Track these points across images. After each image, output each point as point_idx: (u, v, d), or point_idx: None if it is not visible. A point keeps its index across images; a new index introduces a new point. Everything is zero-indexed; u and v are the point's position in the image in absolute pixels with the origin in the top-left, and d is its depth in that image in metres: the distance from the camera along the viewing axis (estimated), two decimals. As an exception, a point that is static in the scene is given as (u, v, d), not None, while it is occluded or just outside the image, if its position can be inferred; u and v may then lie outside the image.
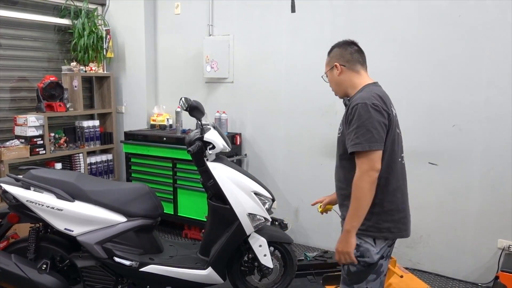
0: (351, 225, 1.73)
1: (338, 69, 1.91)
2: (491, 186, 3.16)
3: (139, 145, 4.17)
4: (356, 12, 3.49)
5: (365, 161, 1.70)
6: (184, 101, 2.71)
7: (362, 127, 1.71)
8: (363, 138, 1.70)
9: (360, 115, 1.71)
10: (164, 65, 4.66)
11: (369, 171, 1.69)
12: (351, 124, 1.74)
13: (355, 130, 1.72)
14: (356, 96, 1.82)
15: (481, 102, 3.13)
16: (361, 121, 1.71)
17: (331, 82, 1.98)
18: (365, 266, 1.81)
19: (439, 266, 3.43)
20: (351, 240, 1.74)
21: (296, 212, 3.97)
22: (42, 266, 2.50)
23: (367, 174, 1.69)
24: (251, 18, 4.05)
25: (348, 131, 1.75)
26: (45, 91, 4.00)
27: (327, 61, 2.00)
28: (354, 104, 1.75)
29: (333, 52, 1.98)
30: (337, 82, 1.94)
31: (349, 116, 1.77)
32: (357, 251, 1.80)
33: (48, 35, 4.41)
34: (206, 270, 2.68)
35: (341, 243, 1.77)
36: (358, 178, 1.71)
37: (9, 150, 3.66)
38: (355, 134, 1.71)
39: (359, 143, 1.70)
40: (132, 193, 2.71)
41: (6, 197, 2.53)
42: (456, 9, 3.14)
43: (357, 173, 1.72)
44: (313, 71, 3.72)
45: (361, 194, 1.71)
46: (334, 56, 1.96)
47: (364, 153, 1.70)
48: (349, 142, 1.75)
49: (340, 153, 1.89)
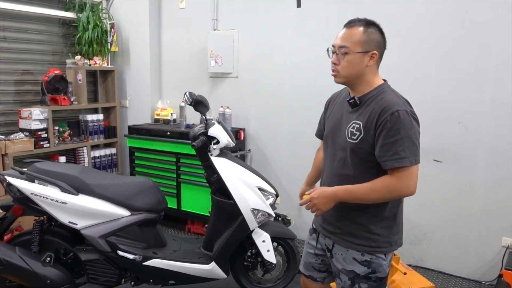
0: (344, 196, 1.63)
1: (373, 59, 1.64)
2: (496, 184, 3.14)
3: (143, 139, 4.16)
4: (362, 7, 3.46)
5: (409, 176, 1.56)
6: (188, 96, 2.70)
7: (406, 138, 1.55)
8: (409, 151, 1.55)
9: (403, 124, 1.54)
10: (168, 59, 4.65)
11: (410, 188, 1.57)
12: (391, 134, 1.55)
13: (399, 141, 1.54)
14: (384, 99, 1.61)
15: (488, 100, 3.10)
16: (405, 132, 1.55)
17: (349, 64, 1.63)
18: (377, 281, 1.74)
19: (442, 264, 3.42)
20: (332, 204, 1.65)
21: (300, 208, 3.97)
22: (46, 259, 2.51)
23: (407, 191, 1.58)
24: (256, 13, 4.02)
25: (388, 141, 1.55)
26: (50, 84, 4.00)
27: (360, 39, 1.61)
28: (393, 110, 1.55)
29: (374, 34, 1.63)
30: (359, 71, 1.64)
31: (385, 123, 1.56)
32: (369, 267, 1.72)
33: (53, 29, 4.41)
34: (209, 265, 2.69)
35: (323, 198, 1.63)
36: (393, 190, 1.58)
37: (14, 143, 3.67)
38: (401, 146, 1.54)
39: (406, 157, 1.55)
40: (136, 187, 2.71)
41: (10, 190, 2.53)
42: (464, 5, 3.11)
43: (396, 183, 1.57)
44: (318, 67, 3.70)
45: (379, 197, 1.61)
46: (375, 42, 1.63)
47: (410, 167, 1.56)
48: (388, 154, 1.56)
49: (355, 162, 1.66)
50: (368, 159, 1.64)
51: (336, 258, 1.80)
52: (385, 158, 1.58)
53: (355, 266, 1.74)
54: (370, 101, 1.65)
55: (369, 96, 1.67)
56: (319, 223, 1.90)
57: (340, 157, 1.72)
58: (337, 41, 1.67)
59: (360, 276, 1.74)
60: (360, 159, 1.66)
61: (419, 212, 3.41)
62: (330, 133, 1.81)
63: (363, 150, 1.64)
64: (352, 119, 1.68)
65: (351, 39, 1.62)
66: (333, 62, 1.68)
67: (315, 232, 1.95)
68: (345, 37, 1.64)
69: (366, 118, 1.63)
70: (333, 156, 1.77)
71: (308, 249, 1.99)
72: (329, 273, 1.96)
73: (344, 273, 1.77)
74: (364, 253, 1.72)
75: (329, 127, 1.83)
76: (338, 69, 1.66)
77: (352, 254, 1.74)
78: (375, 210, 1.69)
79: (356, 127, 1.65)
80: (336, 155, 1.75)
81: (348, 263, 1.75)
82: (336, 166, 1.74)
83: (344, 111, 1.75)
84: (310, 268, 1.98)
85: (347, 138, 1.68)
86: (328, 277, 1.98)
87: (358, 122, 1.65)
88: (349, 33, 1.64)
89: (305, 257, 2.01)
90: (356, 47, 1.62)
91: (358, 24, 1.64)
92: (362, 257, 1.73)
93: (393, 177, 1.59)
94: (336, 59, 1.67)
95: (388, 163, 1.57)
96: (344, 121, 1.73)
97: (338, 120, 1.77)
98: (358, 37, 1.62)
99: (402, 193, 1.62)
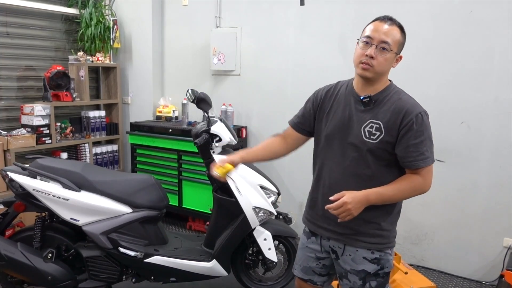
0: (375, 200, 1.64)
1: (397, 62, 1.68)
2: (498, 184, 3.13)
3: (145, 136, 4.16)
4: (366, 6, 3.45)
5: (431, 174, 1.66)
6: (191, 93, 2.70)
7: (428, 139, 1.63)
8: (430, 151, 1.64)
9: (426, 125, 1.62)
10: (170, 56, 4.64)
11: (430, 185, 1.66)
12: (416, 135, 1.59)
13: (424, 142, 1.61)
14: (403, 100, 1.64)
15: (491, 100, 3.09)
16: (427, 133, 1.63)
17: (386, 62, 1.62)
18: (385, 276, 1.76)
19: (443, 263, 3.42)
20: (362, 208, 1.63)
21: (301, 206, 3.97)
22: (47, 255, 2.51)
23: (428, 188, 1.66)
24: (259, 11, 4.01)
25: (413, 142, 1.59)
26: (52, 80, 4.00)
27: (399, 40, 1.63)
28: (417, 112, 1.60)
29: (405, 38, 1.67)
30: (387, 70, 1.67)
31: (411, 125, 1.59)
32: (378, 264, 1.73)
33: (56, 25, 4.40)
34: (211, 263, 2.69)
35: (357, 203, 1.60)
36: (419, 188, 1.65)
37: (16, 139, 3.67)
38: (425, 147, 1.61)
39: (429, 157, 1.63)
40: (138, 184, 2.71)
41: (12, 185, 2.53)
42: (467, 5, 3.10)
43: (422, 181, 1.64)
44: (321, 65, 3.70)
45: (404, 196, 1.68)
46: (403, 46, 1.68)
47: (431, 166, 1.65)
48: (413, 155, 1.60)
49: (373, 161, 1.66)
50: (386, 158, 1.66)
51: (343, 260, 1.78)
52: (411, 158, 1.62)
53: (366, 265, 1.73)
54: (386, 100, 1.66)
55: (384, 95, 1.67)
56: (321, 225, 1.83)
57: (353, 157, 1.69)
58: (380, 35, 1.60)
59: (371, 274, 1.74)
60: (378, 159, 1.66)
61: (420, 212, 3.41)
62: (335, 132, 1.75)
63: (382, 150, 1.64)
64: (368, 119, 1.66)
65: (393, 37, 1.62)
66: (370, 55, 1.60)
67: (314, 235, 1.89)
68: (388, 34, 1.61)
69: (387, 117, 1.63)
70: (342, 155, 1.72)
71: (308, 253, 1.92)
72: (329, 276, 1.95)
73: (353, 274, 1.76)
74: (374, 250, 1.73)
75: (332, 126, 1.76)
76: (374, 63, 1.60)
77: (362, 254, 1.73)
78: (388, 207, 1.72)
79: (376, 127, 1.64)
80: (346, 155, 1.71)
81: (358, 263, 1.74)
82: (349, 166, 1.70)
83: (353, 109, 1.71)
84: (310, 272, 1.94)
85: (363, 137, 1.65)
86: (329, 280, 1.97)
87: (377, 121, 1.64)
88: (391, 30, 1.62)
89: (304, 261, 1.94)
90: (395, 47, 1.62)
91: (395, 24, 1.65)
92: (372, 255, 1.73)
93: (419, 176, 1.64)
94: (374, 52, 1.60)
95: (415, 163, 1.62)
96: (356, 120, 1.69)
97: (345, 118, 1.72)
98: (398, 37, 1.63)
99: (424, 191, 1.67)
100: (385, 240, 1.73)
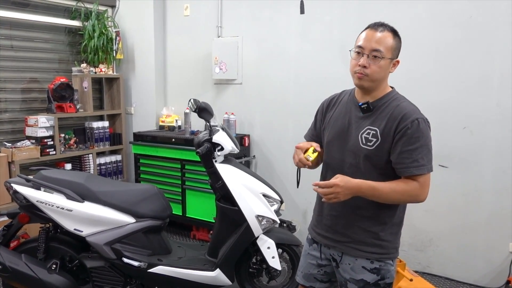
0: (366, 192, 1.59)
1: (395, 67, 1.67)
2: (502, 189, 3.11)
3: (148, 146, 4.18)
4: (366, 13, 3.47)
5: (426, 183, 1.60)
6: (193, 103, 2.71)
7: (425, 146, 1.58)
8: (427, 159, 1.58)
9: (423, 132, 1.58)
10: (173, 66, 4.68)
11: (425, 194, 1.61)
12: (411, 141, 1.57)
13: (419, 149, 1.57)
14: (401, 106, 1.62)
15: (493, 104, 3.09)
16: (424, 140, 1.58)
17: (380, 70, 1.61)
18: (386, 287, 1.73)
19: (449, 270, 3.39)
20: (350, 196, 1.60)
21: (305, 214, 3.96)
22: (51, 266, 2.52)
23: (422, 197, 1.61)
24: (260, 20, 4.04)
25: (407, 148, 1.57)
26: (56, 92, 4.04)
27: (392, 45, 1.62)
28: (413, 118, 1.58)
29: (400, 43, 1.66)
30: (384, 76, 1.65)
31: (405, 130, 1.57)
32: (378, 274, 1.71)
33: (59, 37, 4.45)
34: (214, 272, 2.68)
35: (347, 189, 1.56)
36: (414, 195, 1.60)
37: (20, 150, 3.70)
38: (419, 154, 1.57)
39: (424, 165, 1.58)
40: (141, 194, 2.72)
41: (17, 197, 2.55)
42: (467, 10, 3.11)
43: (418, 188, 1.59)
44: (323, 73, 3.71)
45: (397, 199, 1.63)
46: (399, 50, 1.66)
47: (426, 175, 1.59)
48: (406, 162, 1.57)
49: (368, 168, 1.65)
50: (382, 166, 1.64)
51: (343, 268, 1.77)
52: (404, 165, 1.59)
53: (364, 275, 1.72)
54: (384, 107, 1.65)
55: (383, 101, 1.66)
56: (319, 233, 1.84)
57: (351, 164, 1.69)
58: (371, 44, 1.60)
59: (370, 284, 1.72)
60: (374, 166, 1.65)
61: (425, 218, 3.39)
62: (335, 139, 1.76)
63: (379, 157, 1.63)
64: (366, 125, 1.66)
65: (385, 44, 1.61)
66: (362, 64, 1.61)
67: (315, 243, 1.89)
68: (380, 41, 1.60)
69: (383, 124, 1.62)
70: (340, 162, 1.73)
71: (310, 260, 1.92)
72: (331, 283, 1.94)
73: (352, 283, 1.75)
74: (374, 260, 1.71)
75: (333, 133, 1.78)
76: (368, 72, 1.61)
77: (361, 263, 1.72)
78: (386, 217, 1.69)
79: (372, 133, 1.63)
80: (344, 162, 1.71)
81: (358, 272, 1.73)
82: (347, 173, 1.66)
83: (353, 116, 1.71)
84: (311, 279, 1.93)
85: (360, 144, 1.65)
86: (330, 286, 1.96)
87: (374, 128, 1.63)
88: (383, 37, 1.61)
89: (306, 268, 1.94)
90: (388, 53, 1.61)
91: (387, 29, 1.64)
92: (371, 265, 1.71)
93: (416, 182, 1.60)
94: (366, 61, 1.61)
95: (407, 170, 1.58)
96: (354, 127, 1.69)
97: (345, 125, 1.73)
98: (390, 43, 1.61)
99: (418, 199, 1.63)
100: (384, 250, 1.70)
